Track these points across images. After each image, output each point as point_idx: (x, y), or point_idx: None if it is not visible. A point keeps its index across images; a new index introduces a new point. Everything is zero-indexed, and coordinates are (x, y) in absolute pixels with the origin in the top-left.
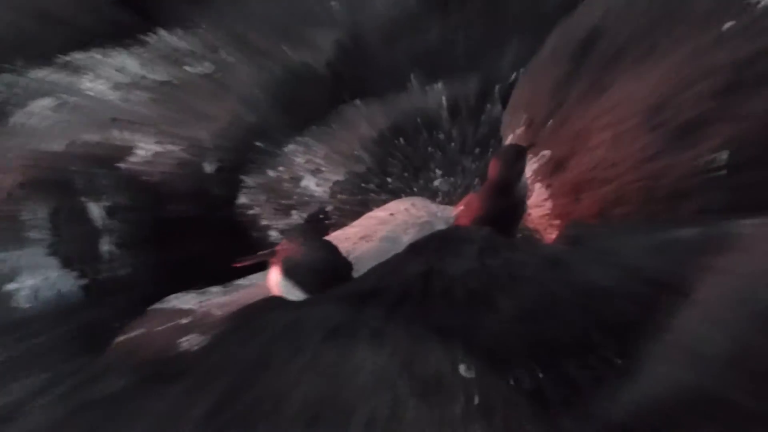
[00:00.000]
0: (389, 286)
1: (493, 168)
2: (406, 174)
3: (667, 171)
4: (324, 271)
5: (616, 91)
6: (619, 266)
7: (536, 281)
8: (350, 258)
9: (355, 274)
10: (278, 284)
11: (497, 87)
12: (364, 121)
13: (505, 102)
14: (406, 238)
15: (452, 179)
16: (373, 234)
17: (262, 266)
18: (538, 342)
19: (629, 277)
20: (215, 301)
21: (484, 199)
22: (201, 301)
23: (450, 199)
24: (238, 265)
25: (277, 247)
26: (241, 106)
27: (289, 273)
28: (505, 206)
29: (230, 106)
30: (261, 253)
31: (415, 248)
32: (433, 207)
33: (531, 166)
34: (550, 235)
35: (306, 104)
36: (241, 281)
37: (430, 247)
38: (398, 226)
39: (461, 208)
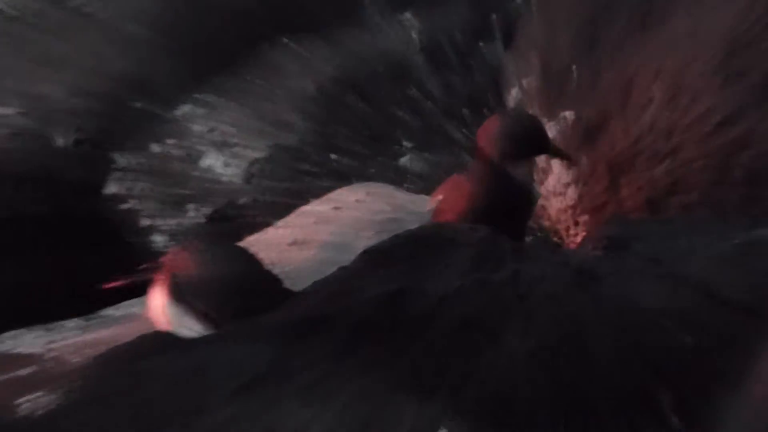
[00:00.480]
0: (336, 315)
1: (490, 138)
2: (359, 148)
3: (746, 143)
4: (235, 293)
5: (674, 26)
6: (678, 282)
7: (557, 304)
8: (276, 273)
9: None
10: (165, 313)
11: (494, 17)
12: (296, 70)
13: (507, 40)
14: (361, 244)
15: (428, 155)
16: (311, 238)
17: (142, 288)
18: (561, 393)
19: (692, 298)
20: (71, 341)
21: (476, 183)
22: (50, 342)
23: (426, 185)
24: (107, 286)
25: (164, 258)
26: (112, 47)
27: (182, 295)
28: (507, 194)
29: (95, 46)
30: (141, 267)
31: (375, 258)
32: (401, 196)
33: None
34: (576, 237)
35: (209, 44)
36: (111, 311)
37: (398, 255)
38: (348, 225)
39: (442, 196)
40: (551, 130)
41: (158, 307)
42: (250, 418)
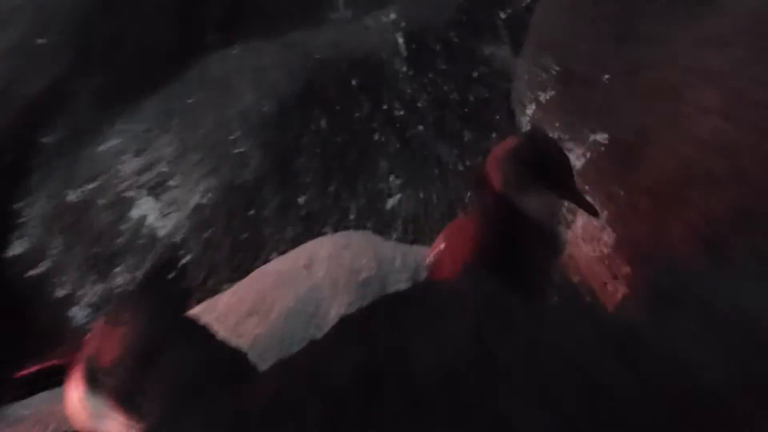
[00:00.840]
0: (304, 402)
1: (500, 166)
2: (332, 185)
3: None
4: (178, 381)
5: (730, 18)
6: (748, 348)
7: (587, 384)
8: (234, 349)
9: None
10: (84, 408)
11: (501, 15)
12: (250, 85)
13: (517, 43)
14: (335, 311)
15: (422, 192)
16: (273, 306)
17: (58, 377)
18: None
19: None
20: None
21: (482, 223)
22: None
23: (419, 230)
24: (15, 376)
25: (87, 338)
26: (15, 58)
27: (104, 387)
28: (521, 235)
29: None
30: (56, 351)
31: (351, 330)
32: (387, 248)
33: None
34: (615, 294)
35: (138, 56)
36: (18, 408)
37: (380, 326)
38: (320, 288)
39: (442, 245)
40: (579, 159)
41: (76, 401)
42: None
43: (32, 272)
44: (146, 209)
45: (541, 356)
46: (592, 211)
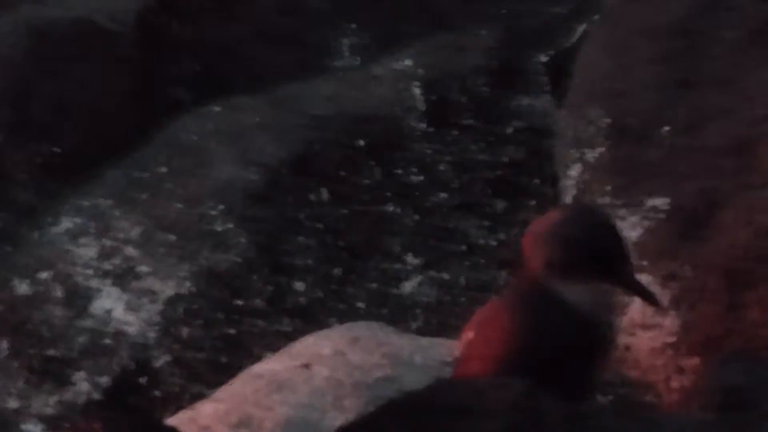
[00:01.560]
0: None
1: (538, 250)
2: (335, 268)
3: None
4: None
5: None
6: None
7: None
8: None
9: None
10: None
11: (540, 57)
12: (228, 148)
13: (560, 92)
14: (340, 420)
15: (444, 273)
16: (265, 414)
17: None
18: None
19: None
20: None
21: (516, 313)
22: None
23: (442, 320)
24: None
25: None
26: None
27: None
28: (561, 328)
29: None
30: None
31: None
32: (404, 342)
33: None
34: (679, 391)
35: (90, 117)
36: None
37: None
38: (321, 392)
39: (470, 337)
40: (634, 229)
41: None
42: None
43: None
44: (111, 302)
45: None
46: (653, 301)
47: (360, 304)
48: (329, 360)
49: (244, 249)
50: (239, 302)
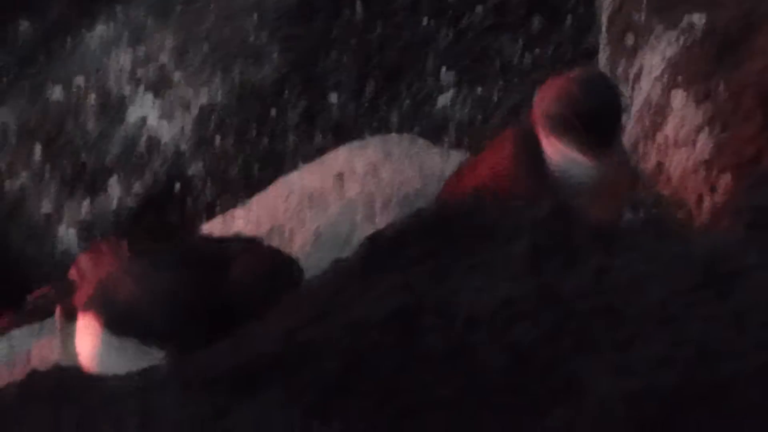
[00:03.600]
0: (321, 343)
1: (541, 114)
2: (370, 82)
3: None
4: (195, 306)
5: None
6: None
7: (672, 322)
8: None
9: None
10: (92, 348)
11: None
12: None
13: None
14: (363, 230)
15: (478, 88)
16: (296, 224)
17: (40, 310)
18: None
19: None
20: None
21: (515, 157)
22: None
23: (474, 136)
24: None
25: (74, 268)
26: None
27: (115, 319)
28: (541, 186)
29: None
30: (38, 295)
31: (381, 250)
32: (435, 157)
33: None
34: (712, 209)
35: None
36: None
37: (416, 247)
38: (353, 207)
39: (494, 154)
40: (670, 46)
41: (86, 343)
42: None
43: (7, 189)
44: (145, 109)
45: (615, 291)
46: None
47: (393, 120)
48: (361, 174)
49: (278, 65)
50: (275, 114)
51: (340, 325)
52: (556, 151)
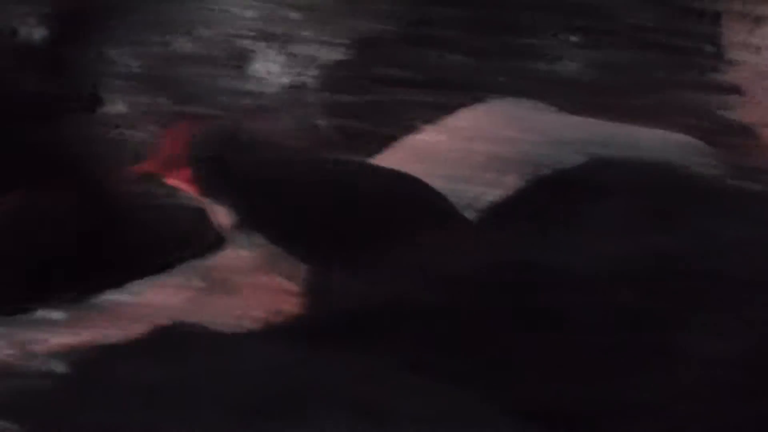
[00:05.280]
0: (438, 296)
1: None
2: (485, 39)
3: None
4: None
5: None
6: None
7: None
8: None
9: None
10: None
11: None
12: None
13: None
14: (487, 194)
15: (605, 54)
16: None
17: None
18: None
19: None
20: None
21: None
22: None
23: (598, 102)
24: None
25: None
26: None
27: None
28: None
29: None
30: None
31: (499, 210)
32: (560, 120)
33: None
34: None
35: None
36: (113, 295)
37: (530, 206)
38: (478, 168)
39: None
40: None
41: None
42: None
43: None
44: (268, 65)
45: (715, 247)
46: None
47: (519, 81)
48: (488, 136)
49: (397, 15)
50: (390, 72)
51: (446, 280)
52: None
